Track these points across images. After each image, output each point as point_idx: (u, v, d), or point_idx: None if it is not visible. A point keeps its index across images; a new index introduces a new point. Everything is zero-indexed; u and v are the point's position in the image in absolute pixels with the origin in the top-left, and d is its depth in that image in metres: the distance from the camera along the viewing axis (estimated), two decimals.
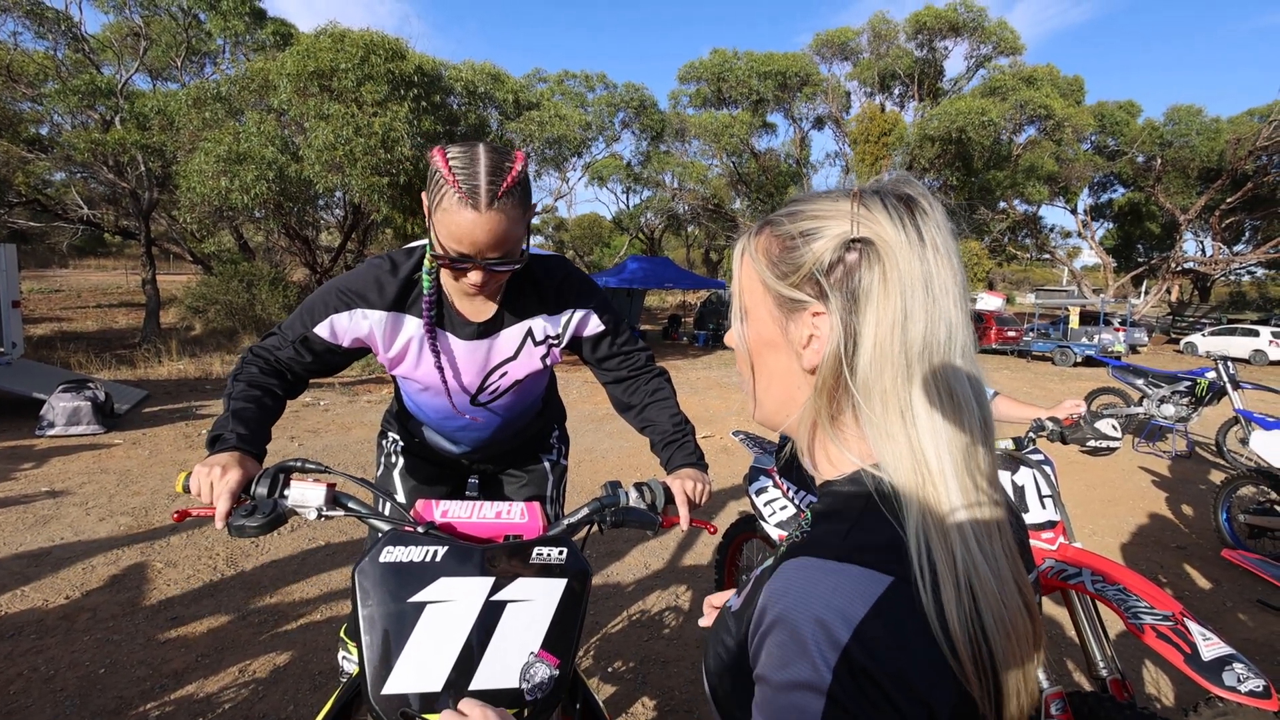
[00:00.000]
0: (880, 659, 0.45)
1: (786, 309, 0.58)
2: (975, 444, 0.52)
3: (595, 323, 1.43)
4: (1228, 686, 1.39)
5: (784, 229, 0.58)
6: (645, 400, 1.47)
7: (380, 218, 11.84)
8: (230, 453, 1.10)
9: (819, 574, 0.50)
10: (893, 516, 0.51)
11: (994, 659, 0.48)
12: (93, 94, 12.50)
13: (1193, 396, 6.02)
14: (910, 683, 0.45)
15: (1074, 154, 20.78)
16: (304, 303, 1.31)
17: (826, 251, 0.55)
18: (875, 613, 0.46)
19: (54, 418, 5.84)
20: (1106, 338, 16.53)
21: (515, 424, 1.60)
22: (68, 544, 3.53)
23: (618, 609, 3.02)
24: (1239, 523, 3.89)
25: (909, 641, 0.46)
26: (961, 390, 0.52)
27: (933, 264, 0.53)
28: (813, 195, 0.60)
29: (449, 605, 0.92)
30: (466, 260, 1.12)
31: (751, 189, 23.37)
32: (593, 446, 6.18)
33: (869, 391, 0.53)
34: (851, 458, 0.57)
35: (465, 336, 1.34)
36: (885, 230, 0.53)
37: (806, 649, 0.46)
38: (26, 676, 2.36)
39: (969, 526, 0.49)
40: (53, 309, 18.20)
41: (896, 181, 0.58)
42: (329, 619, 2.83)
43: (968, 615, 0.47)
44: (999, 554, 0.51)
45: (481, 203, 1.06)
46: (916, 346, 0.52)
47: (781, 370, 0.61)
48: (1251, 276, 33.45)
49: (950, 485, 0.50)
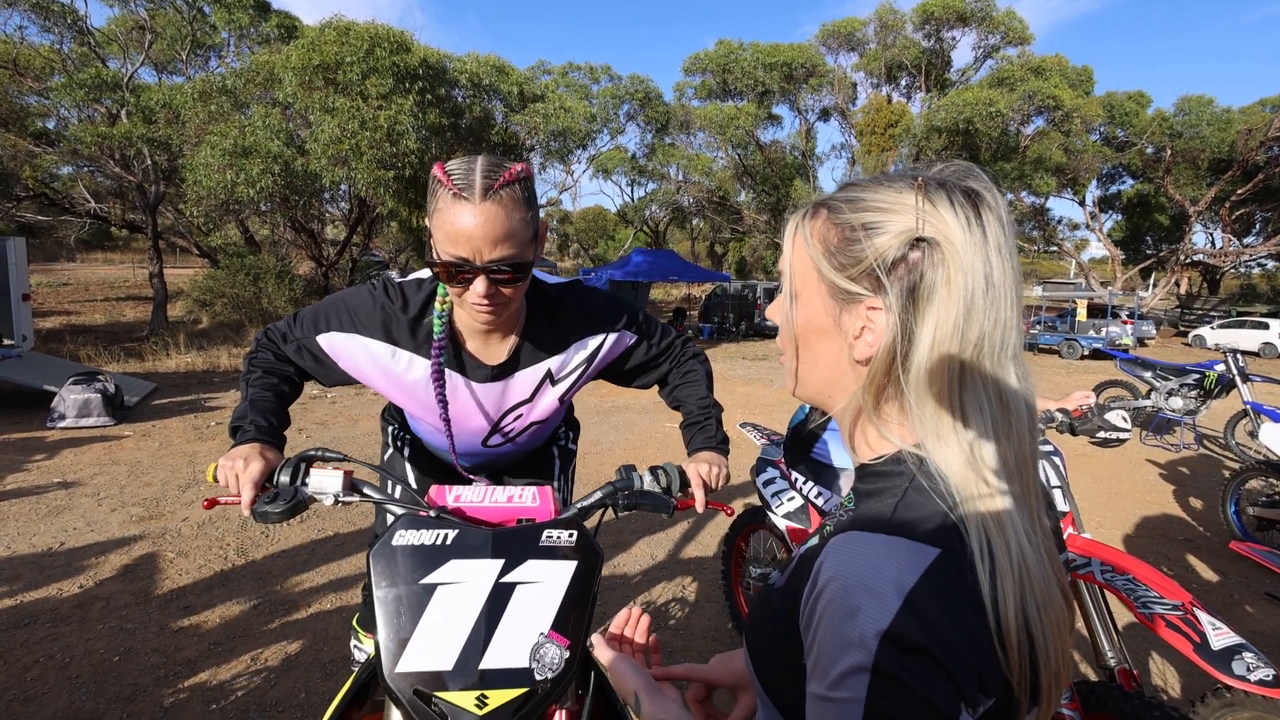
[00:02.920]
0: (931, 628, 0.46)
1: (841, 299, 0.57)
2: (1024, 441, 0.53)
3: (627, 338, 1.38)
4: (1237, 675, 1.39)
5: (844, 217, 0.57)
6: (677, 382, 1.47)
7: (386, 211, 11.85)
8: (252, 444, 1.13)
9: (868, 547, 0.51)
10: (936, 495, 0.52)
11: (1033, 647, 0.49)
12: (99, 87, 12.52)
13: (1201, 389, 5.99)
14: (961, 651, 0.46)
15: (1082, 145, 20.59)
16: (320, 305, 1.28)
17: (890, 248, 0.53)
18: (924, 583, 0.47)
19: (65, 410, 5.89)
20: (1114, 330, 16.43)
21: (521, 456, 1.60)
22: (80, 534, 3.57)
23: (624, 599, 3.03)
24: (1248, 516, 3.87)
25: (959, 612, 0.47)
26: (1011, 390, 0.53)
27: (995, 264, 0.52)
28: (872, 182, 0.58)
29: (459, 587, 0.93)
30: (466, 266, 1.04)
31: (757, 181, 23.27)
32: (599, 439, 6.20)
33: (923, 390, 0.53)
34: (893, 439, 0.57)
35: (479, 379, 1.28)
36: (952, 230, 0.52)
37: (857, 621, 0.47)
38: (43, 664, 2.39)
39: (1020, 521, 0.50)
40: (61, 302, 18.32)
41: (961, 173, 0.57)
42: (339, 608, 2.86)
43: (1020, 607, 0.48)
44: (1042, 547, 0.52)
45: (476, 194, 1.00)
46: (972, 348, 0.52)
47: (830, 357, 0.61)
48: (1262, 269, 33.14)
49: (1001, 485, 0.51)
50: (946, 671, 0.45)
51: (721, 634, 2.73)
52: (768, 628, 0.60)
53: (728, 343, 17.10)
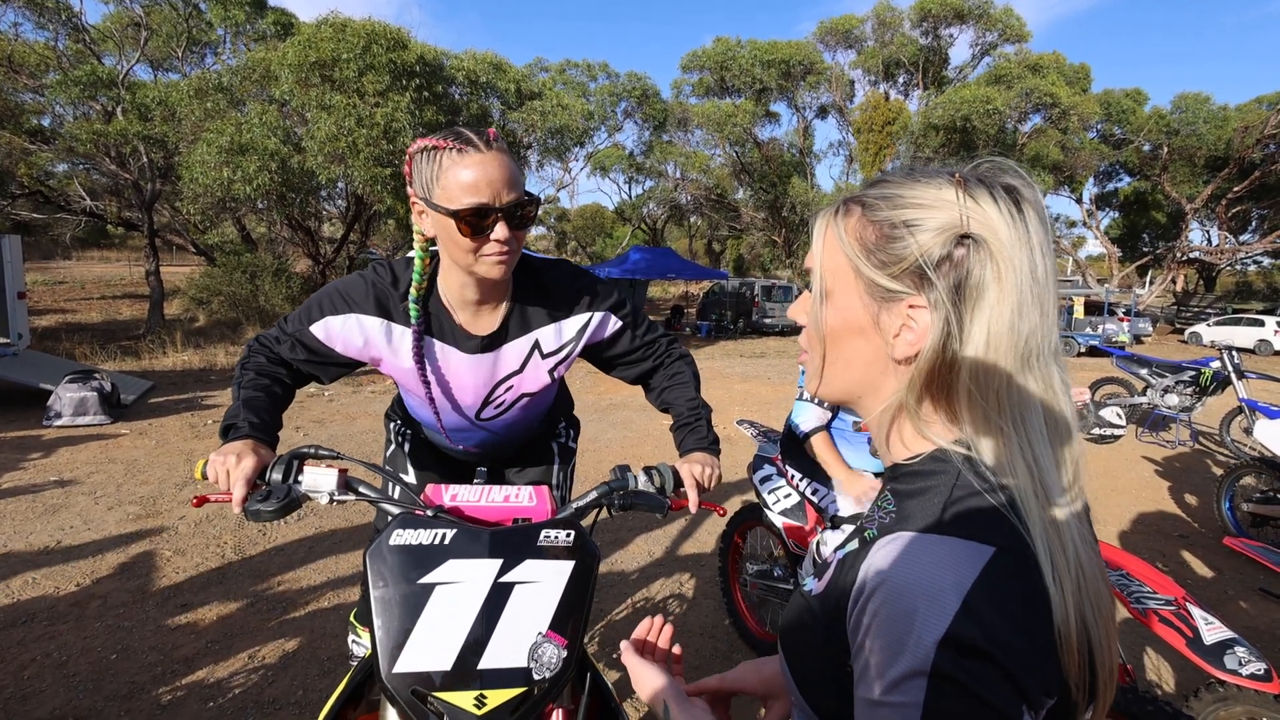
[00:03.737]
0: (990, 629, 0.45)
1: (881, 298, 0.56)
2: (1072, 438, 0.53)
3: (614, 322, 1.40)
4: (1229, 670, 1.40)
5: (881, 215, 0.56)
6: (665, 384, 1.47)
7: (383, 208, 11.81)
8: (244, 440, 1.12)
9: (920, 547, 0.50)
10: (988, 493, 0.51)
11: (1091, 645, 0.49)
12: (94, 85, 12.45)
13: (1197, 386, 6.01)
14: (1020, 652, 0.45)
15: (1080, 142, 20.62)
16: (307, 300, 1.30)
17: (935, 246, 0.53)
18: (981, 583, 0.46)
19: (61, 408, 5.88)
20: (1111, 328, 16.50)
21: (518, 436, 1.59)
22: (77, 532, 3.56)
23: (622, 596, 3.04)
24: (1242, 512, 3.89)
25: (1018, 612, 0.46)
26: (1058, 388, 0.53)
27: (1039, 260, 0.52)
28: (907, 178, 0.57)
29: (457, 586, 0.93)
30: (490, 210, 1.08)
31: (754, 179, 23.26)
32: (596, 436, 6.20)
33: (979, 389, 0.52)
34: (933, 438, 0.56)
35: (468, 350, 1.30)
36: (998, 226, 0.51)
37: (914, 624, 0.46)
38: (40, 662, 2.39)
39: (1075, 525, 0.50)
40: (57, 300, 18.25)
41: (998, 169, 0.56)
42: (336, 605, 2.86)
43: (1079, 606, 0.48)
44: (1092, 543, 0.52)
45: (481, 145, 1.08)
46: (1024, 344, 0.51)
47: (866, 357, 0.60)
48: (1258, 266, 33.22)
49: (1057, 485, 0.51)
50: (1006, 672, 0.44)
51: (719, 630, 2.74)
52: (805, 634, 0.59)
53: (725, 340, 17.10)
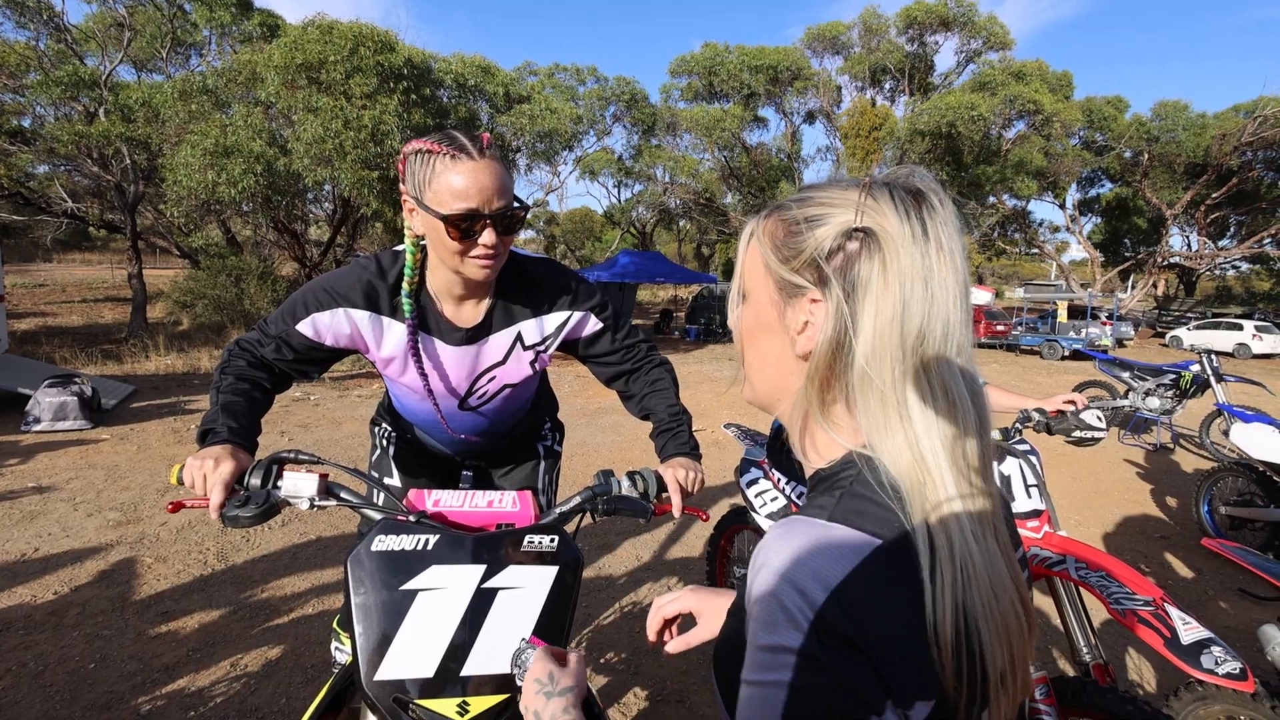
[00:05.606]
0: (858, 618, 0.46)
1: (786, 293, 0.58)
2: (969, 438, 0.53)
3: (594, 323, 1.42)
4: (1206, 669, 1.42)
5: (791, 214, 0.58)
6: (644, 390, 1.48)
7: (370, 211, 11.74)
8: (223, 445, 1.10)
9: (803, 532, 0.51)
10: (880, 488, 0.52)
11: (982, 650, 0.49)
12: (76, 85, 12.27)
13: (1177, 389, 6.10)
14: (886, 643, 0.46)
15: (1062, 149, 20.88)
16: (289, 299, 1.29)
17: (828, 238, 0.55)
18: (858, 572, 0.47)
19: (40, 413, 5.77)
20: (1094, 331, 16.71)
21: (505, 426, 1.60)
22: (55, 539, 3.50)
23: (609, 600, 3.03)
24: (1220, 515, 3.94)
25: (888, 603, 0.47)
26: (956, 387, 0.53)
27: (934, 260, 0.53)
28: (825, 183, 0.60)
29: (441, 593, 0.93)
30: (479, 216, 1.11)
31: (743, 183, 23.37)
32: (584, 440, 6.19)
33: (867, 383, 0.53)
34: (841, 442, 0.57)
35: (453, 342, 1.32)
36: (889, 222, 0.53)
37: (785, 604, 0.47)
38: (15, 672, 2.35)
39: (965, 519, 0.50)
40: (37, 304, 17.95)
41: (908, 174, 0.58)
42: (321, 612, 2.83)
43: (958, 603, 0.48)
44: (994, 550, 0.51)
45: (474, 152, 1.10)
46: (913, 339, 0.52)
47: (775, 354, 0.62)
48: (1236, 271, 33.84)
49: (947, 479, 0.51)
50: (869, 659, 0.45)
51: None
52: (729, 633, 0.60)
53: (714, 344, 17.14)
